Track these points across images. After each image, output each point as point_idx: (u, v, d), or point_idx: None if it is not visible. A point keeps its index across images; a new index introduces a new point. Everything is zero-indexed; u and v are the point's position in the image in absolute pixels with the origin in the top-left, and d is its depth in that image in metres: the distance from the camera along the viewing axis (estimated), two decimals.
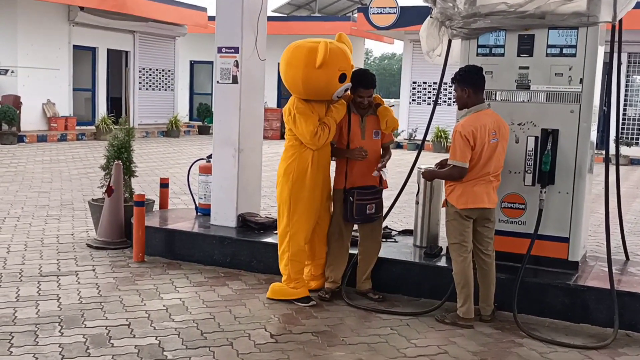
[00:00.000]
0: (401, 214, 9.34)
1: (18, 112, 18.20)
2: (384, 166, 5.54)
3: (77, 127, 20.56)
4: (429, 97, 22.76)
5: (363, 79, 5.54)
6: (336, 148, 5.63)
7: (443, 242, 6.24)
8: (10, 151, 15.91)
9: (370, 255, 5.74)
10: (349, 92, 5.63)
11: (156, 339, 4.66)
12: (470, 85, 5.16)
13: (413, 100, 23.01)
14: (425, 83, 22.81)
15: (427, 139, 7.07)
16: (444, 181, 5.49)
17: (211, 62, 23.80)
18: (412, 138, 21.44)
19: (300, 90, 5.47)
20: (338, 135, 5.60)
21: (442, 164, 5.41)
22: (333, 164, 5.72)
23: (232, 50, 6.75)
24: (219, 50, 6.82)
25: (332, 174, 5.71)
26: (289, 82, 5.53)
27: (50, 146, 17.65)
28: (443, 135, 19.84)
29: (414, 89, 23.06)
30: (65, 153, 16.20)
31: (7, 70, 19.43)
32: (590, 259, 6.21)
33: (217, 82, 6.89)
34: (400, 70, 24.98)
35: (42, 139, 18.67)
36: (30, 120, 19.37)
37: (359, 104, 5.57)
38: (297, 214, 5.49)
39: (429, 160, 5.78)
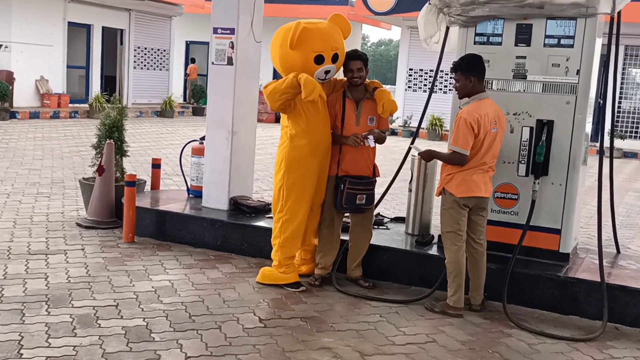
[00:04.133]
0: (394, 201, 9.32)
1: (11, 87, 18.08)
2: (371, 134, 5.41)
3: (70, 105, 20.45)
4: (425, 85, 22.70)
5: (350, 52, 5.51)
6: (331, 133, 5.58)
7: (435, 230, 6.24)
8: (2, 127, 15.80)
9: (361, 244, 5.71)
10: (341, 77, 5.58)
11: (144, 320, 4.63)
12: (476, 73, 5.13)
13: (409, 87, 22.95)
14: (421, 70, 22.74)
15: (421, 126, 7.04)
16: (439, 170, 5.45)
17: (207, 43, 23.65)
18: (406, 125, 21.41)
19: (280, 70, 5.51)
20: (332, 120, 5.54)
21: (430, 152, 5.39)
22: None
23: (228, 32, 6.68)
24: (215, 30, 6.75)
25: None
26: (273, 62, 5.57)
27: (42, 123, 17.55)
28: (438, 123, 19.81)
29: (410, 75, 22.98)
30: (58, 130, 16.10)
31: (0, 46, 19.26)
32: (582, 251, 6.21)
33: (212, 63, 6.83)
34: (397, 57, 24.87)
35: (34, 115, 18.54)
36: (23, 96, 19.25)
37: (351, 81, 5.49)
38: (289, 201, 5.45)
39: (424, 147, 5.72)
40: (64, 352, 4.04)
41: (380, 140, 5.55)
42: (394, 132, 20.72)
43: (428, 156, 5.38)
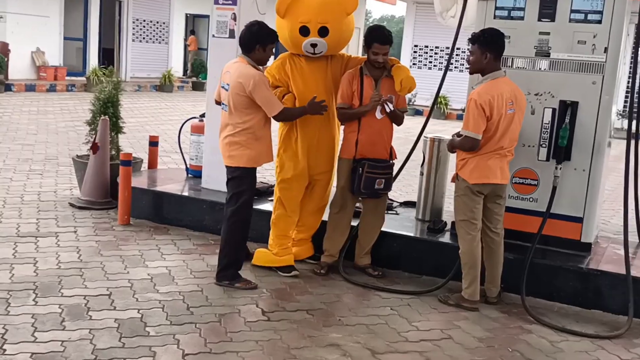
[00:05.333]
0: (400, 182, 8.97)
1: (6, 59, 17.70)
2: (391, 101, 5.13)
3: (67, 78, 20.04)
4: (431, 62, 22.28)
5: (379, 34, 5.12)
6: (346, 111, 5.20)
7: (447, 216, 5.92)
8: None
9: (372, 231, 5.39)
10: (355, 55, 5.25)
11: (138, 312, 4.32)
12: (493, 49, 4.75)
13: (414, 64, 22.48)
14: (427, 47, 22.31)
15: (426, 104, 6.69)
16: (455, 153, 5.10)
17: (208, 16, 23.23)
18: (411, 103, 20.99)
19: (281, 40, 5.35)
20: (350, 98, 5.19)
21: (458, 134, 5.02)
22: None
23: (230, 2, 6.30)
24: (216, 1, 6.37)
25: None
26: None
27: (38, 96, 17.15)
28: (443, 102, 19.38)
29: (415, 52, 22.55)
30: (54, 104, 15.71)
31: None
32: (602, 239, 5.89)
33: (213, 35, 6.46)
34: (400, 33, 24.42)
35: (30, 88, 18.15)
36: (18, 68, 18.83)
37: (373, 63, 5.14)
38: (280, 177, 5.31)
39: (435, 128, 5.38)
40: (50, 348, 3.72)
41: (398, 119, 5.25)
42: (418, 112, 19.94)
43: (451, 147, 5.02)
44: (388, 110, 5.11)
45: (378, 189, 5.21)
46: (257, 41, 4.85)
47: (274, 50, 5.06)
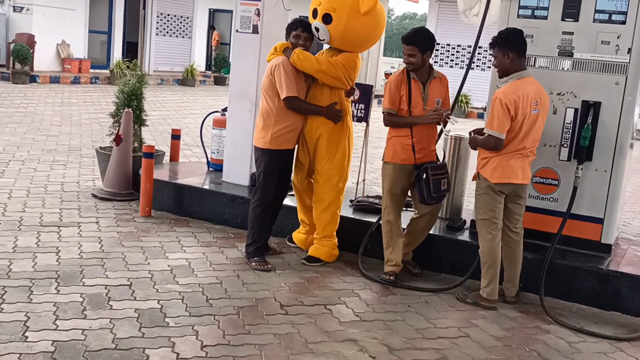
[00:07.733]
0: None
1: (32, 51, 17.85)
2: (450, 115, 5.13)
3: (91, 70, 20.22)
4: (452, 60, 22.19)
5: (404, 35, 5.16)
6: (397, 119, 5.13)
7: (467, 214, 5.91)
8: (22, 91, 15.59)
9: (426, 231, 5.37)
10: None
11: (158, 302, 4.36)
12: (514, 49, 4.74)
13: (435, 62, 22.41)
14: (448, 45, 22.22)
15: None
16: (477, 152, 5.07)
17: (231, 11, 23.32)
18: None
19: None
20: (397, 103, 5.14)
21: (478, 132, 4.99)
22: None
23: None
24: None
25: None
26: None
27: (62, 88, 17.32)
28: (464, 100, 19.31)
29: (437, 50, 22.43)
30: (78, 96, 15.86)
31: (22, 8, 19.04)
32: (623, 241, 5.85)
33: (237, 30, 6.49)
34: None
35: (55, 80, 18.33)
36: (43, 60, 19.04)
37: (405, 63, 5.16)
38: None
39: (456, 126, 5.38)
40: (71, 336, 3.77)
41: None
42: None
43: (473, 144, 4.99)
44: (452, 126, 5.14)
45: (444, 191, 5.18)
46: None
47: (299, 36, 5.21)
